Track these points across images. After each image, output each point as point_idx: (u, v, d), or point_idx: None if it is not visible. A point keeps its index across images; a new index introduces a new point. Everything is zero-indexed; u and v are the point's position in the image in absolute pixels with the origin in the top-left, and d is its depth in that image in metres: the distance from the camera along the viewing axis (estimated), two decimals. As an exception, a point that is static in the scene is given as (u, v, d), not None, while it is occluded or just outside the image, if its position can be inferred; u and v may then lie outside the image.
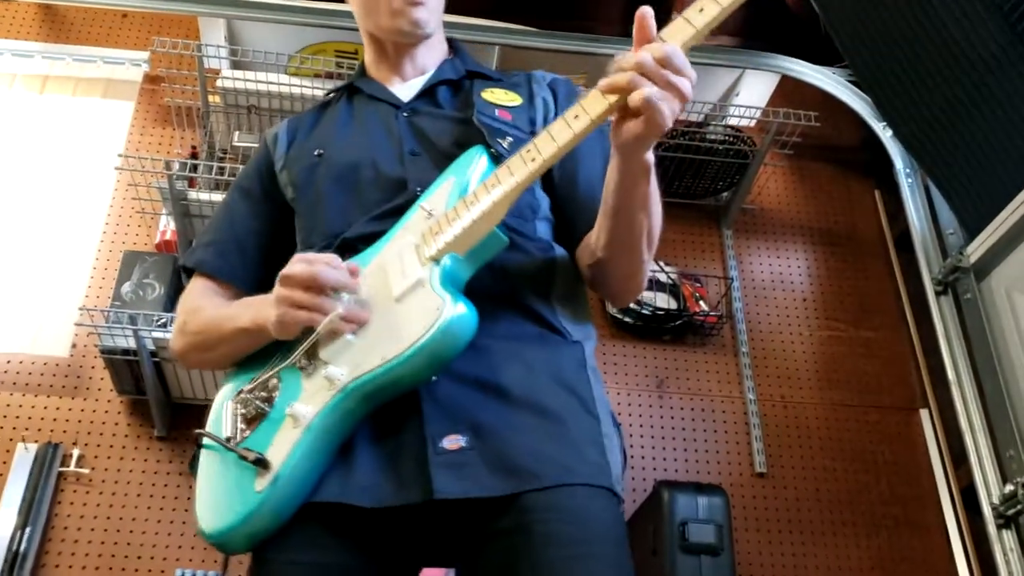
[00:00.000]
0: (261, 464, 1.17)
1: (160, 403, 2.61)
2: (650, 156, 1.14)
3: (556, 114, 1.42)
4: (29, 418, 2.65)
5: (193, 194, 2.60)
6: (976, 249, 2.75)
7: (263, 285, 1.37)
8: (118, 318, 2.40)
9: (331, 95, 1.57)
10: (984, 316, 2.73)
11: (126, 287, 2.56)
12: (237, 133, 2.76)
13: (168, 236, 2.80)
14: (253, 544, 1.20)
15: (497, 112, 1.40)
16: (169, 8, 2.92)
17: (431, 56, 1.50)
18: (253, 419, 1.26)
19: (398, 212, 1.30)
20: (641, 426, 2.93)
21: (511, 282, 1.28)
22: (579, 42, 3.05)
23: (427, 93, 1.46)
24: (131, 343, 2.42)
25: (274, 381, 1.26)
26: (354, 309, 1.20)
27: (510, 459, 1.15)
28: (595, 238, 1.27)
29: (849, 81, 3.18)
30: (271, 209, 1.48)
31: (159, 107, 3.11)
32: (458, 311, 1.12)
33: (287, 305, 1.19)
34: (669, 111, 1.06)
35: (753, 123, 3.29)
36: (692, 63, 1.09)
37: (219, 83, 2.81)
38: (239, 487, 1.19)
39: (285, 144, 1.50)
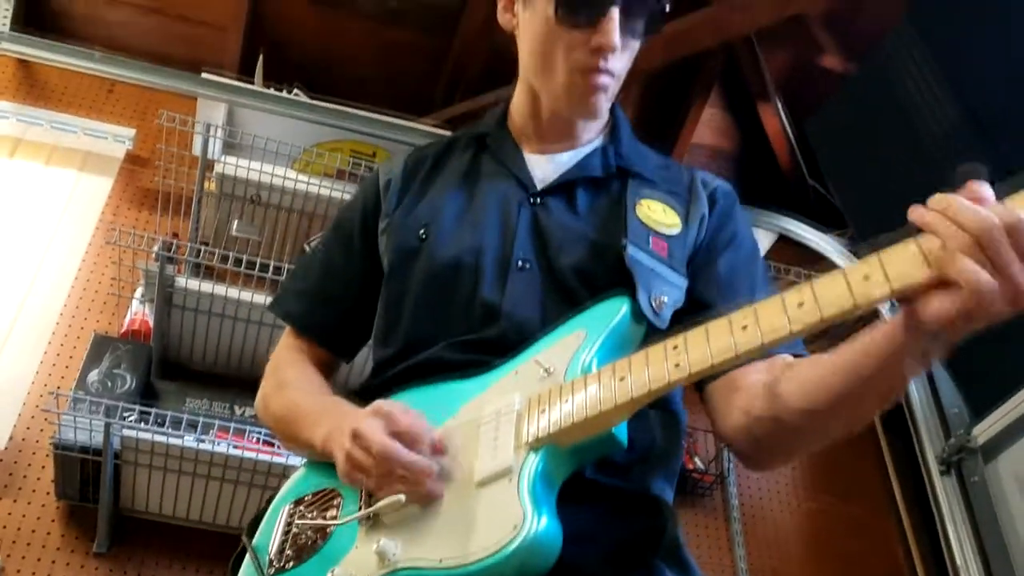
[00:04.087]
0: None
1: (108, 512, 2.25)
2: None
3: (704, 246, 1.18)
4: (-56, 519, 2.25)
5: (181, 281, 2.35)
6: (984, 430, 2.69)
7: (354, 346, 1.32)
8: (92, 408, 2.06)
9: (460, 136, 1.35)
10: (992, 500, 2.65)
11: (93, 375, 2.23)
12: (236, 222, 2.53)
13: (137, 325, 2.50)
14: None
15: (651, 242, 1.13)
16: (168, 85, 2.74)
17: (589, 127, 1.27)
18: (303, 547, 1.07)
19: (487, 347, 1.09)
20: (629, 588, 2.69)
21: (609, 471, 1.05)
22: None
23: (565, 187, 1.21)
24: (95, 439, 2.09)
25: (336, 506, 1.09)
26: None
27: None
28: (790, 396, 0.98)
29: (847, 249, 3.18)
30: (370, 265, 1.28)
31: (137, 189, 2.86)
32: (538, 531, 0.89)
33: (352, 466, 1.01)
34: (996, 304, 0.76)
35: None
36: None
37: (217, 168, 2.60)
38: None
39: (396, 197, 1.28)
